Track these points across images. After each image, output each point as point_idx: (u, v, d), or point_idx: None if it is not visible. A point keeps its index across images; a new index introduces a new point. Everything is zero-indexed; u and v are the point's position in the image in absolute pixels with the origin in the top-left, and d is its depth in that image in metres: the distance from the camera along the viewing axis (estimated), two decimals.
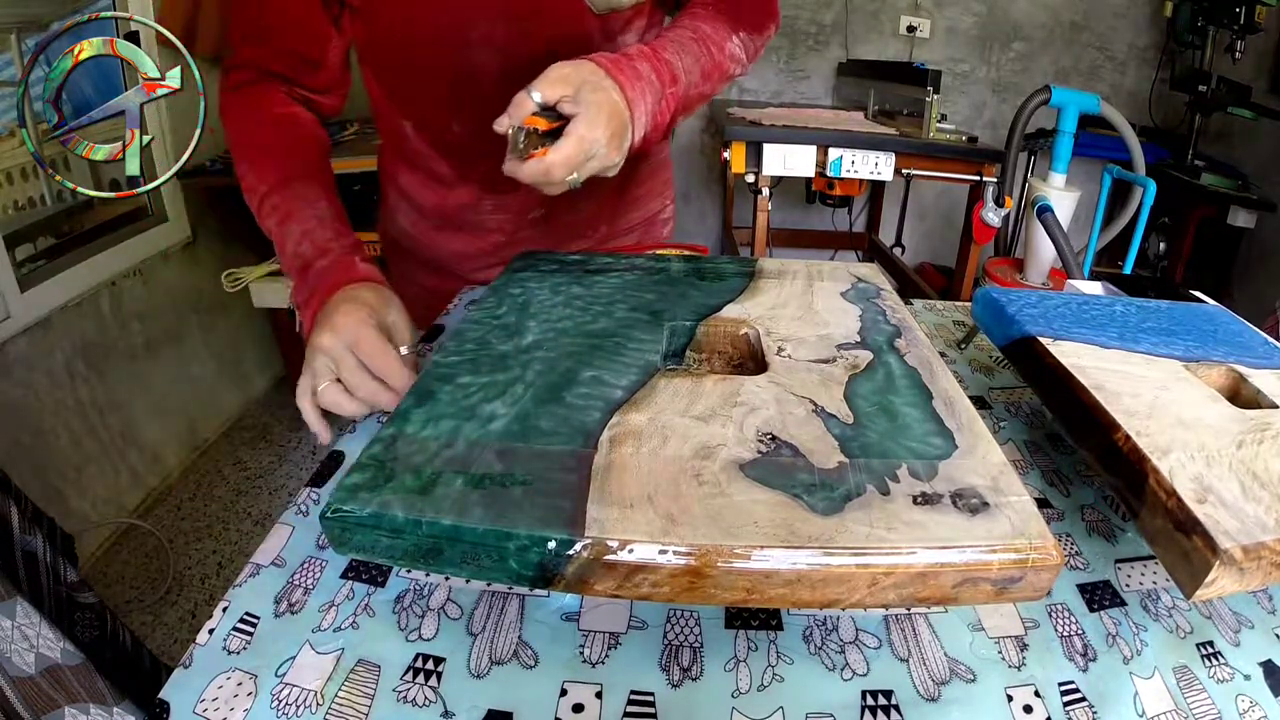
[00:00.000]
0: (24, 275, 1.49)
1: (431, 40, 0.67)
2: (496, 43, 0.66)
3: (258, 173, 0.64)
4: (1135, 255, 1.69)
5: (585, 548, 0.29)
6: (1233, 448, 0.39)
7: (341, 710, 0.34)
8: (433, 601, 0.40)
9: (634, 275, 0.58)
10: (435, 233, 0.83)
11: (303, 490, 0.49)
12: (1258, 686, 0.36)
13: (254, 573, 0.42)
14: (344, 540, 0.33)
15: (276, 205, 0.62)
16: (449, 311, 0.73)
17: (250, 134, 0.67)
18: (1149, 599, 0.41)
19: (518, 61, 0.63)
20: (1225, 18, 2.03)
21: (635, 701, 0.35)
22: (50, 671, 0.67)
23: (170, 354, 1.95)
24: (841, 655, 0.37)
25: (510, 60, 0.66)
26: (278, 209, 0.61)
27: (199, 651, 0.37)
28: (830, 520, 0.30)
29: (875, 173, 1.97)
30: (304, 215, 0.61)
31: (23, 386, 1.51)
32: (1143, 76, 2.53)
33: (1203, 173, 2.12)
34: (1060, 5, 2.53)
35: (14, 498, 0.87)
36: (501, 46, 0.66)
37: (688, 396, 0.39)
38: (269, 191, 0.62)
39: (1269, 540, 0.32)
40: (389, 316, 0.54)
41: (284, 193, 0.62)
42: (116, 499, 1.76)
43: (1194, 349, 0.50)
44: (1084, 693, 0.36)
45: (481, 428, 0.37)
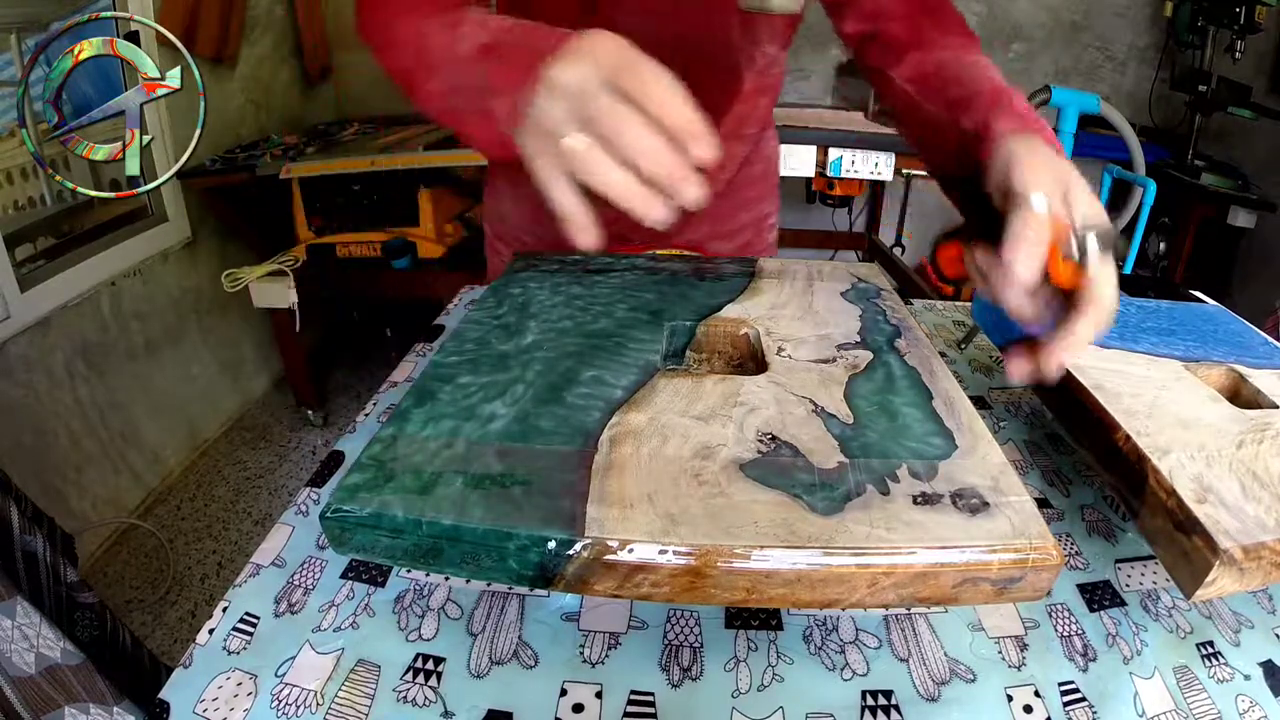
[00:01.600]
0: (24, 275, 1.49)
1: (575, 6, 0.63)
2: (639, 7, 0.63)
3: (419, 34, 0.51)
4: (1135, 255, 1.69)
5: (585, 548, 0.29)
6: (1233, 448, 0.39)
7: (341, 710, 0.34)
8: (433, 601, 0.40)
9: (634, 275, 0.57)
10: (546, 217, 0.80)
11: (303, 490, 0.49)
12: (1258, 686, 0.36)
13: (254, 573, 0.42)
14: (344, 540, 0.33)
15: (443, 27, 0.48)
16: (449, 311, 0.73)
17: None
18: (1149, 599, 0.41)
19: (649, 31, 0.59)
20: (1225, 18, 2.03)
21: (635, 701, 0.35)
22: (50, 671, 0.67)
23: (170, 354, 1.95)
24: (841, 655, 0.37)
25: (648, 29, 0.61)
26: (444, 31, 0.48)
27: (199, 651, 0.37)
28: (830, 520, 0.30)
29: (875, 173, 1.97)
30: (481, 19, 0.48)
31: (23, 386, 1.51)
32: (1143, 76, 2.52)
33: (1203, 173, 2.12)
34: (1060, 5, 2.53)
35: (14, 498, 0.87)
36: (643, 12, 0.62)
37: (688, 396, 0.39)
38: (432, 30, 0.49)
39: (1269, 540, 0.32)
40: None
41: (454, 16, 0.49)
42: (116, 499, 1.76)
43: (1194, 349, 0.50)
44: (1084, 693, 0.36)
45: (481, 428, 0.37)
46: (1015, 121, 0.45)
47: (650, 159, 0.33)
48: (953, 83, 0.56)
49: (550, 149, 0.35)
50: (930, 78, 0.60)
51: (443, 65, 0.47)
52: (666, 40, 0.60)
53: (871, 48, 0.67)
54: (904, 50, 0.63)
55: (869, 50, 0.67)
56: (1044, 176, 0.38)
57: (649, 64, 0.35)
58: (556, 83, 0.35)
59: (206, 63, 2.01)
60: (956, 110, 0.53)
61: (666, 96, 0.34)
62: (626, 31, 0.61)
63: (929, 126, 0.57)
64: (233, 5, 2.04)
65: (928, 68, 0.60)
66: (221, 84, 2.12)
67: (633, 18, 0.60)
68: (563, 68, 0.35)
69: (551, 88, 0.35)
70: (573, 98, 0.34)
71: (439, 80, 0.48)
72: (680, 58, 0.62)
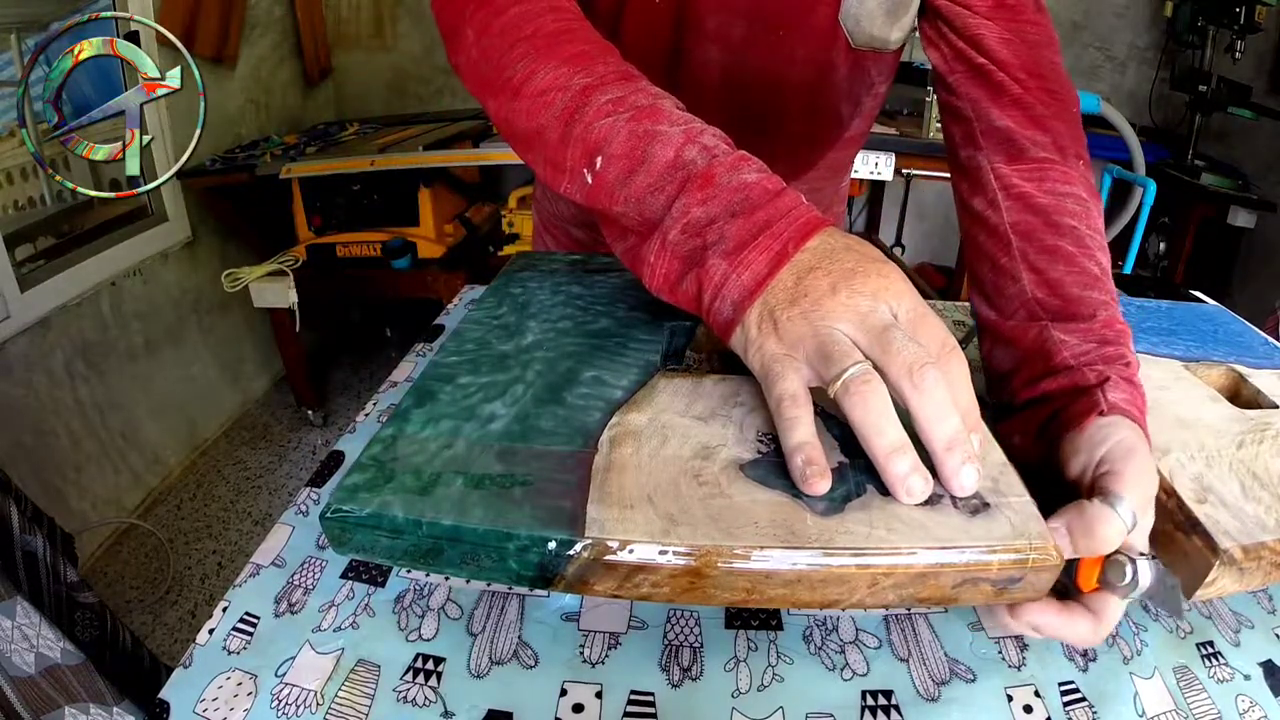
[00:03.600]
0: (24, 275, 1.49)
1: (669, 22, 0.56)
2: (730, 41, 0.57)
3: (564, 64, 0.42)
4: (1135, 255, 1.69)
5: (585, 548, 0.29)
6: (1233, 448, 0.39)
7: (341, 710, 0.34)
8: (433, 601, 0.40)
9: (634, 275, 0.57)
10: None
11: (303, 490, 0.49)
12: (1258, 686, 0.36)
13: (254, 573, 0.42)
14: (344, 540, 0.33)
15: (615, 101, 0.40)
16: (449, 311, 0.73)
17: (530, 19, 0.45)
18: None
19: (745, 69, 0.56)
20: (1225, 18, 2.03)
21: (635, 701, 0.35)
22: (50, 671, 0.67)
23: (170, 354, 1.95)
24: (841, 655, 0.37)
25: (738, 65, 0.57)
26: (620, 105, 0.40)
27: (199, 651, 0.37)
28: (830, 520, 0.30)
29: (875, 173, 1.97)
30: (673, 113, 0.39)
31: (23, 386, 1.51)
32: (1143, 76, 2.52)
33: (1203, 173, 2.12)
34: (1060, 5, 2.53)
35: (14, 498, 0.87)
36: (735, 47, 0.57)
37: (688, 396, 0.39)
38: (593, 85, 0.41)
39: (1269, 540, 0.33)
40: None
41: (621, 85, 0.41)
42: (116, 499, 1.76)
43: (1194, 349, 0.50)
44: (1084, 693, 0.36)
45: (482, 428, 0.37)
46: (1127, 393, 0.38)
47: (942, 425, 0.31)
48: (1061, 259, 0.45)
49: (800, 367, 0.33)
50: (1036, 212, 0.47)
51: (617, 144, 0.38)
52: (772, 67, 0.56)
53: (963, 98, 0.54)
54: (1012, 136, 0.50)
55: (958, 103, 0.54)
56: (1142, 491, 0.34)
57: (940, 321, 0.33)
58: (854, 309, 0.32)
59: (206, 63, 2.01)
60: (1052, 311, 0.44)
61: (961, 369, 0.32)
62: (716, 63, 0.57)
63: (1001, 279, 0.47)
64: (233, 5, 2.04)
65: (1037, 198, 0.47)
66: (221, 84, 2.12)
67: (736, 27, 0.56)
68: (864, 299, 0.32)
69: (847, 310, 0.32)
70: (870, 330, 0.32)
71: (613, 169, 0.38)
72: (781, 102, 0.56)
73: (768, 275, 0.34)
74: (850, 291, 0.32)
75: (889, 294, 0.33)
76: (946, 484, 0.31)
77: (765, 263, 0.34)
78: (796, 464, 0.31)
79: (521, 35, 0.44)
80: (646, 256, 0.38)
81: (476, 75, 0.47)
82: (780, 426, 0.33)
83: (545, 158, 0.43)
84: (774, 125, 0.62)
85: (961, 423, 0.31)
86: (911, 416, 0.31)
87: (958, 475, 0.31)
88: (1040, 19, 0.54)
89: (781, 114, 0.61)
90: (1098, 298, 0.43)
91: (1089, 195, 0.48)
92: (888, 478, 0.31)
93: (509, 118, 0.44)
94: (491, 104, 0.46)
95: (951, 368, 0.32)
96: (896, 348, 0.31)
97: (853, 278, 0.33)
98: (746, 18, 0.56)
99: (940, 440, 0.31)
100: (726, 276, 0.35)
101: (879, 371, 0.31)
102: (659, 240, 0.37)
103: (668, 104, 0.40)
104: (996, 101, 0.52)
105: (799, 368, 0.33)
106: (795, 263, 0.34)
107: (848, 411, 0.31)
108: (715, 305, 0.35)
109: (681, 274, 0.37)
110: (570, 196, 0.42)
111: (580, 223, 0.77)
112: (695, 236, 0.36)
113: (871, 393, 0.30)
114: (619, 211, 0.39)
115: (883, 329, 0.31)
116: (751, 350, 0.34)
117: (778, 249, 0.34)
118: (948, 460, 0.31)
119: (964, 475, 0.31)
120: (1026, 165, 0.49)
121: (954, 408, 0.31)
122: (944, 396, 0.31)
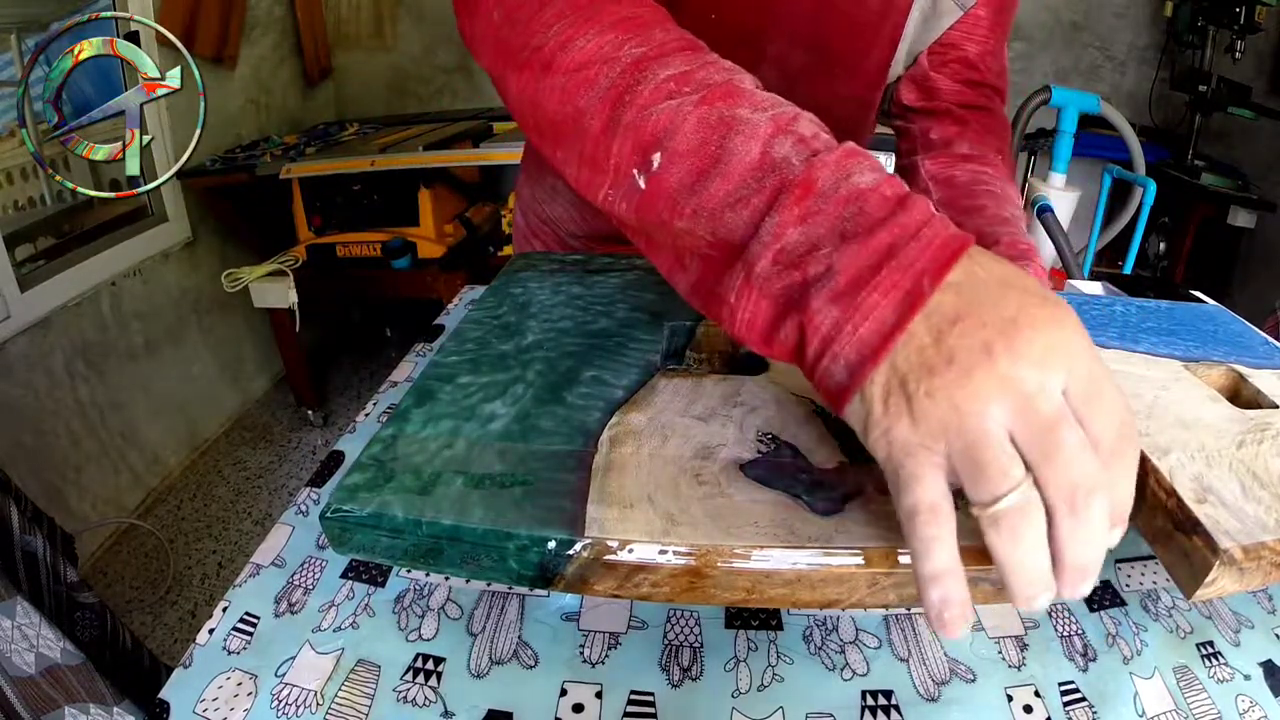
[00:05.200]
0: (24, 275, 1.50)
1: (729, 39, 0.44)
2: (787, 70, 0.56)
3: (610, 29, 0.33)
4: (1135, 255, 1.69)
5: (585, 548, 0.29)
6: (1233, 448, 0.39)
7: (341, 710, 0.34)
8: (433, 601, 0.40)
9: (634, 275, 0.57)
10: (594, 217, 0.68)
11: (303, 490, 0.49)
12: (1258, 686, 0.36)
13: (254, 573, 0.42)
14: (344, 540, 0.33)
15: (679, 77, 0.31)
16: (449, 311, 0.73)
17: None
18: (1149, 599, 0.41)
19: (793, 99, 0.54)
20: (1225, 18, 2.03)
21: (635, 701, 0.35)
22: (50, 671, 0.67)
23: (170, 354, 1.96)
24: (841, 655, 0.37)
25: (788, 95, 0.53)
26: (685, 82, 0.31)
27: (199, 651, 0.37)
28: (830, 520, 0.30)
29: None
30: (755, 94, 0.31)
31: (23, 386, 1.51)
32: (1143, 76, 2.53)
33: (1203, 173, 2.12)
34: (1060, 5, 2.53)
35: (14, 498, 0.87)
36: (790, 76, 0.56)
37: (688, 396, 0.39)
38: (649, 56, 0.32)
39: (1269, 540, 0.32)
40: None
41: (685, 57, 0.33)
42: (116, 499, 1.76)
43: (1194, 349, 0.50)
44: (1084, 693, 0.36)
45: (481, 428, 0.37)
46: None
47: (1086, 559, 0.24)
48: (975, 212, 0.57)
49: (941, 464, 0.24)
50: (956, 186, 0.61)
51: (686, 154, 0.30)
52: (821, 94, 0.54)
53: (914, 123, 0.67)
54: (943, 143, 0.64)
55: (909, 126, 0.68)
56: None
57: (1119, 393, 0.25)
58: (1016, 388, 0.23)
59: (206, 63, 2.01)
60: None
61: (1132, 466, 0.25)
62: (789, 70, 0.58)
63: None
64: (233, 5, 2.04)
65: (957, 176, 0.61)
66: (221, 84, 2.12)
67: (795, 54, 0.55)
68: (1030, 368, 0.23)
69: (1005, 390, 0.23)
70: (1033, 424, 0.23)
71: (676, 170, 0.30)
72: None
73: (896, 327, 0.25)
74: (1012, 358, 0.23)
75: (1061, 358, 0.24)
76: (1059, 597, 0.25)
77: (892, 308, 0.25)
78: (931, 599, 0.25)
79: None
80: (726, 295, 0.29)
81: (496, 43, 0.37)
82: (913, 546, 0.25)
83: (581, 153, 0.33)
84: None
85: (1104, 550, 0.25)
86: (1053, 543, 0.24)
87: (1073, 595, 0.25)
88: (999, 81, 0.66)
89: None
90: (1002, 230, 0.52)
91: (1004, 178, 0.60)
92: (1017, 603, 0.25)
93: (537, 98, 0.35)
94: (514, 81, 0.36)
95: (1122, 469, 0.25)
96: (1065, 458, 0.23)
97: (1015, 334, 0.24)
98: (807, 50, 0.55)
99: (1073, 571, 0.24)
100: (839, 328, 0.26)
101: (1036, 483, 0.24)
102: (743, 273, 0.28)
103: (747, 81, 0.32)
104: (939, 123, 0.65)
105: (939, 465, 0.25)
106: (933, 308, 0.25)
107: (988, 539, 0.24)
108: (823, 364, 0.27)
109: (777, 320, 0.28)
110: (611, 209, 0.33)
111: (578, 232, 0.69)
112: (793, 269, 0.27)
113: (1028, 527, 0.24)
114: (682, 228, 0.30)
115: (1051, 425, 0.23)
116: (875, 433, 0.26)
117: (908, 287, 0.25)
118: (1070, 593, 0.25)
119: (1079, 594, 0.25)
120: (948, 158, 0.62)
121: (1107, 534, 0.25)
122: (1101, 527, 0.24)
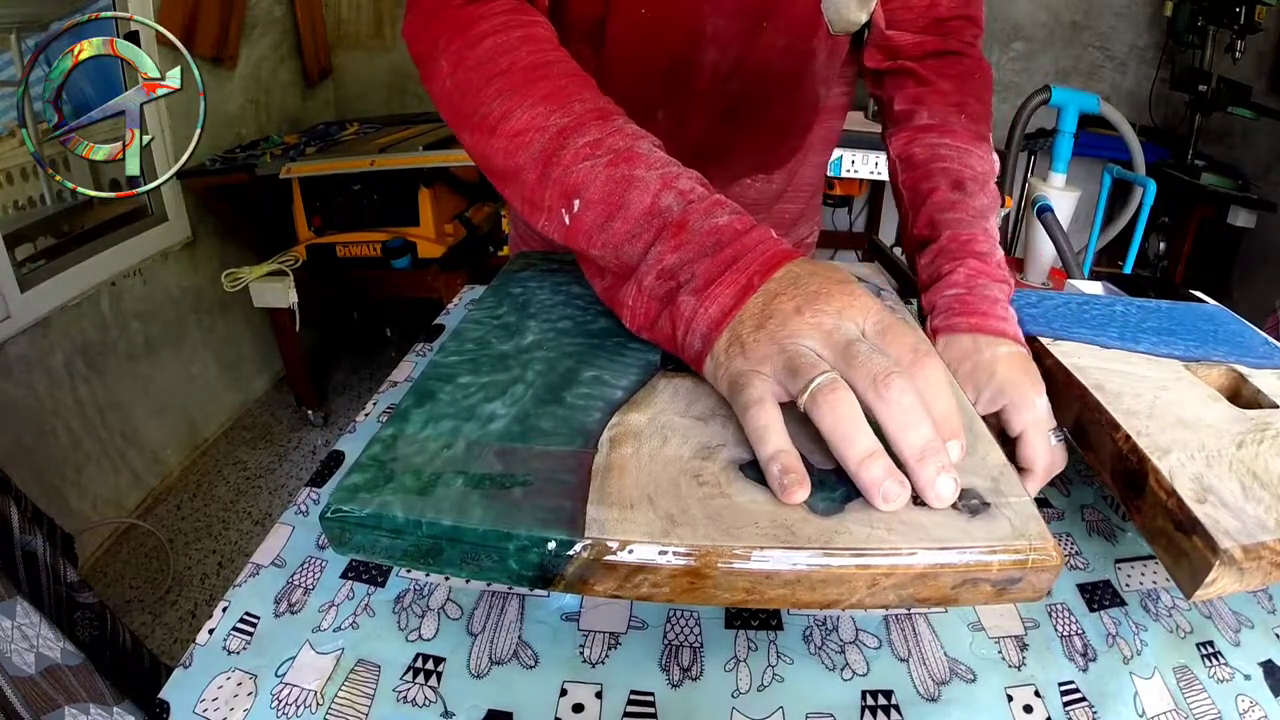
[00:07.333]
0: (24, 275, 1.49)
1: (666, 24, 0.57)
2: (724, 42, 0.58)
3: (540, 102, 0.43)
4: (1135, 255, 1.68)
5: (585, 548, 0.29)
6: (1233, 448, 0.39)
7: (341, 710, 0.34)
8: (433, 601, 0.40)
9: None
10: None
11: (303, 490, 0.49)
12: (1258, 686, 0.36)
13: (254, 573, 0.42)
14: (344, 540, 0.33)
15: (593, 144, 0.41)
16: (449, 311, 0.73)
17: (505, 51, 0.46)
18: (1149, 599, 0.41)
19: (733, 66, 0.58)
20: (1225, 18, 2.03)
21: (635, 701, 0.35)
22: (50, 671, 0.67)
23: (170, 354, 1.96)
24: (841, 655, 0.37)
25: (728, 63, 0.59)
26: (597, 148, 0.41)
27: (199, 651, 0.37)
28: (830, 521, 0.30)
29: (875, 173, 1.97)
30: (650, 156, 0.41)
31: (23, 386, 1.51)
32: (1143, 76, 2.53)
33: (1203, 173, 2.12)
34: (1060, 5, 2.53)
35: (14, 498, 0.87)
36: (727, 46, 0.59)
37: (688, 396, 0.39)
38: (570, 127, 0.42)
39: (1269, 540, 0.32)
40: None
41: (599, 126, 0.42)
42: (116, 499, 1.76)
43: (1194, 349, 0.50)
44: (1084, 693, 0.36)
45: (481, 428, 0.37)
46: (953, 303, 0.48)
47: (911, 434, 0.30)
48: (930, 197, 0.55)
49: (767, 386, 0.33)
50: (915, 166, 0.58)
51: (596, 187, 0.40)
52: (757, 59, 0.58)
53: (884, 91, 0.66)
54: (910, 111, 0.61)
55: (881, 97, 0.67)
56: (1029, 405, 0.44)
57: (910, 326, 0.34)
58: (819, 326, 0.33)
59: (206, 63, 2.01)
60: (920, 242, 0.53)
61: (935, 375, 0.32)
62: (710, 64, 0.60)
63: (905, 231, 0.57)
64: (233, 5, 2.04)
65: (916, 154, 0.59)
66: (221, 84, 2.12)
67: (730, 26, 0.57)
68: (829, 316, 0.33)
69: (794, 333, 0.33)
70: (834, 345, 0.32)
71: (590, 214, 0.40)
72: (761, 89, 0.58)
73: (734, 306, 0.35)
74: (815, 311, 0.33)
75: (854, 311, 0.33)
76: (922, 495, 0.30)
77: (731, 295, 0.35)
78: (773, 474, 0.31)
79: (497, 70, 0.45)
80: (625, 300, 0.40)
81: (452, 108, 0.48)
82: (751, 439, 0.32)
83: (523, 196, 0.43)
84: (759, 115, 0.64)
85: (934, 430, 0.30)
86: (881, 427, 0.31)
87: (933, 486, 0.30)
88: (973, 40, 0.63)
89: (765, 104, 0.63)
90: (948, 218, 0.52)
91: (966, 140, 0.57)
92: (862, 485, 0.30)
93: (485, 154, 0.45)
94: (467, 138, 0.47)
95: (924, 374, 0.32)
96: (861, 359, 0.31)
97: (817, 299, 0.33)
98: (736, 16, 0.57)
99: (910, 450, 0.30)
100: (695, 311, 0.36)
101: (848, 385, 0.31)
102: (635, 285, 0.39)
103: (645, 145, 0.41)
104: (902, 89, 0.62)
105: (765, 380, 0.33)
106: (762, 291, 0.35)
107: (818, 422, 0.31)
108: (687, 340, 0.37)
109: (657, 315, 0.39)
110: (548, 234, 0.43)
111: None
112: (669, 280, 0.38)
113: (839, 400, 0.30)
114: (596, 254, 0.41)
115: (847, 343, 0.32)
116: (720, 374, 0.35)
117: (744, 281, 0.35)
118: (921, 471, 0.30)
119: (939, 485, 0.30)
120: (909, 132, 0.60)
121: (925, 415, 0.30)
122: (912, 404, 0.30)
